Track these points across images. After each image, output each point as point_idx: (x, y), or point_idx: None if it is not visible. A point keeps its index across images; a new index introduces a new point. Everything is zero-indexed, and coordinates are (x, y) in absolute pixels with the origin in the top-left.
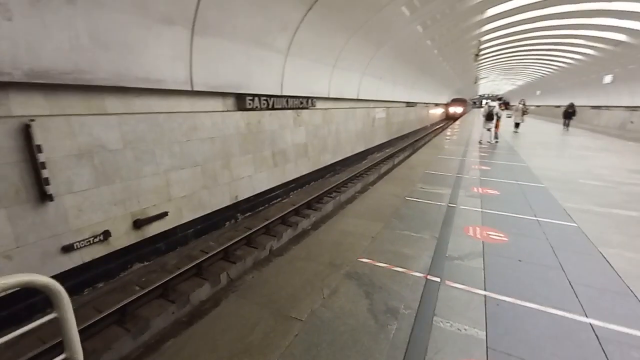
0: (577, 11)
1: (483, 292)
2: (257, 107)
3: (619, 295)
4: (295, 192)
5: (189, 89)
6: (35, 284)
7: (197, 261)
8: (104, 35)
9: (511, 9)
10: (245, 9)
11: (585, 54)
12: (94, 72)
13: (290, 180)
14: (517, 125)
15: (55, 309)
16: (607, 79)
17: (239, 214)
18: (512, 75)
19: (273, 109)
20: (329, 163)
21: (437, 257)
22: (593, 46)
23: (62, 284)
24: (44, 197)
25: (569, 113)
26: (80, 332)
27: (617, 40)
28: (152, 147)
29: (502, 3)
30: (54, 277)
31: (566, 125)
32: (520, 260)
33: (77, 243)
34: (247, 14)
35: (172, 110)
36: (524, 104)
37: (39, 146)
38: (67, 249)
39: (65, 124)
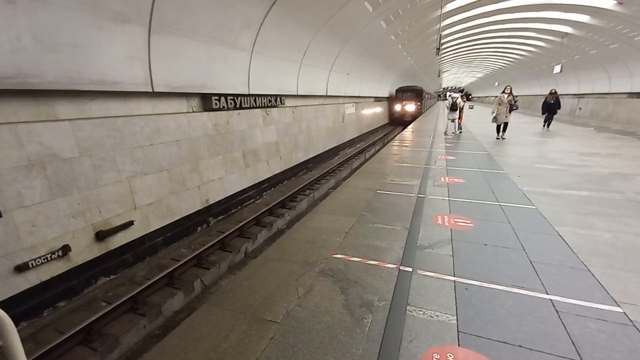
0: (527, 5)
1: (452, 278)
2: (224, 107)
3: (575, 271)
4: (268, 192)
5: (149, 90)
6: None
7: (168, 270)
8: (50, 35)
9: (468, 4)
10: (204, 5)
11: (536, 45)
12: (40, 76)
13: (263, 180)
14: (501, 128)
15: None
16: (557, 69)
17: (211, 218)
18: (473, 68)
19: (241, 108)
20: (301, 161)
21: (409, 247)
22: (543, 38)
23: (18, 306)
24: None
25: (551, 105)
26: (41, 357)
27: (563, 32)
28: (111, 154)
29: None
30: (8, 299)
31: (547, 123)
32: (485, 245)
33: (33, 261)
34: (207, 11)
35: (132, 113)
36: (510, 93)
37: None
38: (21, 268)
39: (10, 132)
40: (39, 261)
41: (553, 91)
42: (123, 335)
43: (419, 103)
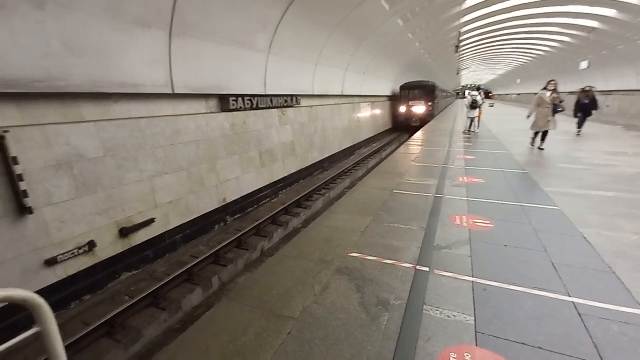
0: None
1: (471, 279)
2: (241, 107)
3: (599, 273)
4: (284, 191)
5: (170, 92)
6: (14, 298)
7: (188, 267)
8: (77, 40)
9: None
10: (223, 9)
11: (560, 41)
12: (67, 79)
13: (279, 180)
14: (539, 135)
15: (38, 323)
16: (583, 65)
17: (228, 217)
18: (493, 65)
19: (257, 108)
20: (316, 160)
21: (426, 247)
22: (568, 33)
23: (47, 299)
24: (23, 210)
25: (586, 106)
26: (69, 346)
27: (590, 27)
28: (134, 154)
29: None
30: (38, 292)
31: (580, 126)
32: (505, 245)
33: (61, 256)
34: (226, 14)
35: (153, 114)
36: (555, 90)
37: (14, 158)
38: (51, 262)
39: (40, 134)
40: (66, 256)
41: (587, 88)
42: (145, 328)
43: (430, 103)
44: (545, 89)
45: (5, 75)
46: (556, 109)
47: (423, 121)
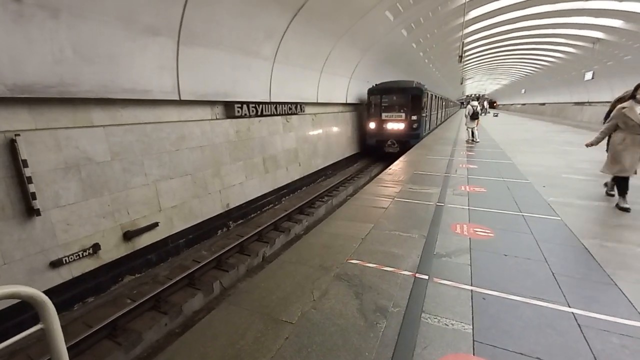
0: (556, 11)
1: (469, 287)
2: (246, 114)
3: (600, 284)
4: (287, 197)
5: (177, 98)
6: (21, 295)
7: (189, 271)
8: (89, 47)
9: (493, 10)
10: (230, 18)
11: (566, 52)
12: (78, 85)
13: (282, 186)
14: (630, 179)
15: (42, 320)
16: (588, 75)
17: (230, 222)
18: (497, 75)
19: (262, 115)
20: (320, 167)
21: (426, 255)
22: (573, 44)
23: (52, 299)
24: (30, 212)
25: None
26: (71, 348)
27: (594, 38)
28: (140, 158)
29: (483, 5)
30: (43, 293)
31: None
32: (505, 255)
33: (66, 258)
34: (233, 23)
35: (160, 120)
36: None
37: (24, 161)
38: (56, 264)
39: (50, 137)
40: (71, 258)
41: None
42: (146, 331)
43: (414, 116)
44: (633, 97)
45: (19, 81)
46: None
47: (404, 144)
